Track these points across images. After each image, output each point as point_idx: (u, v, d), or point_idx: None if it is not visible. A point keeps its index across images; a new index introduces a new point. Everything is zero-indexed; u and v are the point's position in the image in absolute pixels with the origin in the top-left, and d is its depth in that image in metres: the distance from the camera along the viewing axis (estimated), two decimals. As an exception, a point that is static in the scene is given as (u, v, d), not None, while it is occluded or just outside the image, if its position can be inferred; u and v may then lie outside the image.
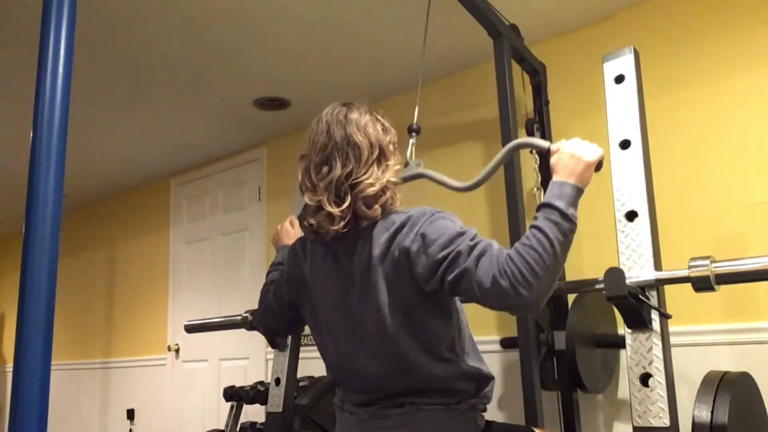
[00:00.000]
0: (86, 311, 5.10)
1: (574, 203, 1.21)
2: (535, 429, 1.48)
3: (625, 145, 1.64)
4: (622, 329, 1.47)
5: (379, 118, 1.35)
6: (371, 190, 1.24)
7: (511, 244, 2.08)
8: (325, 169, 1.27)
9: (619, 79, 1.71)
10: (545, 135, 2.54)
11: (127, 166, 4.37)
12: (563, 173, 1.25)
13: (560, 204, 1.19)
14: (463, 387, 1.29)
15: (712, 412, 1.45)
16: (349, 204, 1.24)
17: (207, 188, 4.33)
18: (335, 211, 1.24)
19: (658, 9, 2.49)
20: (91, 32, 2.58)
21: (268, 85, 3.17)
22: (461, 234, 1.19)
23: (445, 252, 1.17)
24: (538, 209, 1.21)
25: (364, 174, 1.25)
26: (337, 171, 1.25)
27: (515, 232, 2.11)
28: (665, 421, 1.40)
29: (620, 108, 1.68)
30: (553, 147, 1.31)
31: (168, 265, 4.49)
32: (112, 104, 3.33)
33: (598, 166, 1.29)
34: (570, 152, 1.26)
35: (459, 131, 3.04)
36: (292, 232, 1.79)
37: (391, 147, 1.33)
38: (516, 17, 2.43)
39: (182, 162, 4.34)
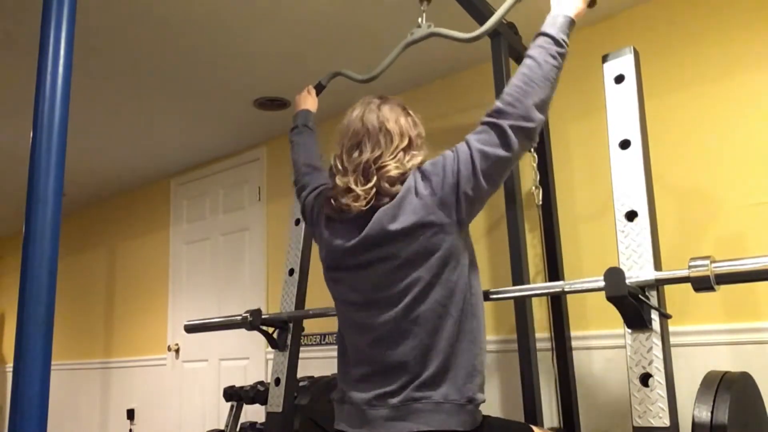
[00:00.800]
0: (86, 311, 5.11)
1: (565, 31, 1.36)
2: (533, 427, 1.48)
3: (625, 145, 1.64)
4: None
5: (410, 112, 1.45)
6: (395, 172, 1.33)
7: (511, 245, 2.11)
8: (356, 153, 1.36)
9: (619, 79, 1.71)
10: (544, 135, 2.54)
11: (127, 166, 4.37)
12: (558, 8, 1.39)
13: (551, 30, 1.35)
14: (464, 357, 1.30)
15: (712, 412, 1.45)
16: (374, 184, 1.32)
17: (207, 188, 4.33)
18: (359, 189, 1.32)
19: (658, 9, 2.49)
20: (92, 32, 2.58)
21: (268, 85, 3.17)
22: (451, 151, 1.35)
23: (456, 165, 1.31)
24: (533, 40, 1.37)
25: (392, 158, 1.34)
26: (367, 154, 1.34)
27: (514, 232, 2.11)
28: (665, 421, 1.40)
29: (620, 108, 1.68)
30: None
31: (168, 265, 4.49)
32: (112, 104, 3.33)
33: (592, 2, 1.43)
34: None
35: (459, 132, 3.01)
36: (310, 99, 1.98)
37: (419, 140, 1.42)
38: (514, 16, 2.42)
39: (182, 162, 4.34)
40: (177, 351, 4.27)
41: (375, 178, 1.32)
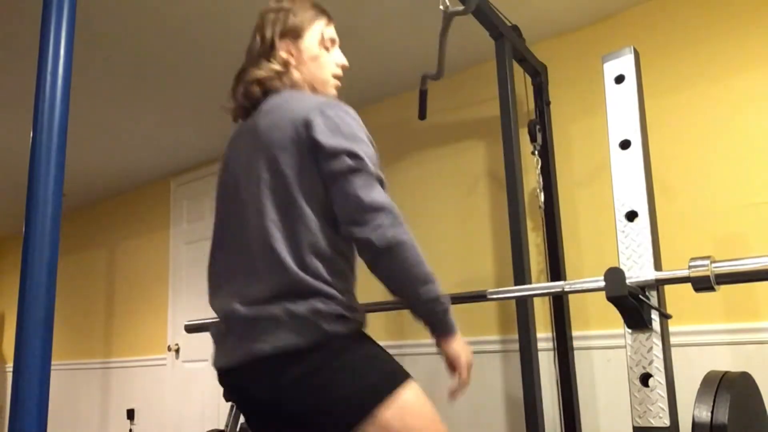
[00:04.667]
0: (86, 311, 5.11)
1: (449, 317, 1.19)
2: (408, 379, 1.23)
3: (625, 145, 1.64)
4: None
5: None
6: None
7: (512, 245, 2.10)
8: None
9: (619, 79, 1.71)
10: (546, 135, 2.54)
11: (127, 166, 4.38)
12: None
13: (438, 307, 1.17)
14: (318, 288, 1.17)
15: (712, 412, 1.45)
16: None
17: (207, 188, 4.33)
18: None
19: (658, 9, 2.49)
20: (91, 33, 2.58)
21: (268, 85, 3.16)
22: (362, 141, 1.19)
23: (333, 144, 1.16)
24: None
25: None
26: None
27: (516, 233, 2.11)
28: (665, 421, 1.40)
29: (620, 108, 1.68)
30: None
31: (168, 265, 4.49)
32: (112, 104, 3.33)
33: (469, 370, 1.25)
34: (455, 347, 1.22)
35: (461, 129, 3.04)
36: None
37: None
38: (517, 18, 2.43)
39: (182, 162, 4.34)
40: (177, 351, 4.27)
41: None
